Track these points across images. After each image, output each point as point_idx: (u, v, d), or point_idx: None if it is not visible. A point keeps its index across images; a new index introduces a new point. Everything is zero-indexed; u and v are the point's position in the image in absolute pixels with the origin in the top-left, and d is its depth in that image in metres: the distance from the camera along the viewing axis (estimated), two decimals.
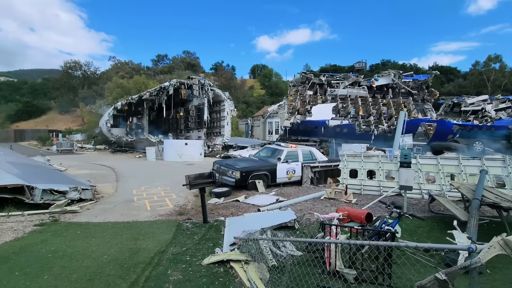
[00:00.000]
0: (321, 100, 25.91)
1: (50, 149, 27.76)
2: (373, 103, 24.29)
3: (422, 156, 8.86)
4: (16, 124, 53.61)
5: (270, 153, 11.00)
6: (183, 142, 20.21)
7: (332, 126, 22.08)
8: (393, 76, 24.99)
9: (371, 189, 8.80)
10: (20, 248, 4.44)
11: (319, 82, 27.21)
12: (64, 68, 62.53)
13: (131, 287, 3.38)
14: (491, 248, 2.23)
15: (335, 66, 77.15)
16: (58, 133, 34.53)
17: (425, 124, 19.60)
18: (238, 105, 67.72)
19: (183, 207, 7.16)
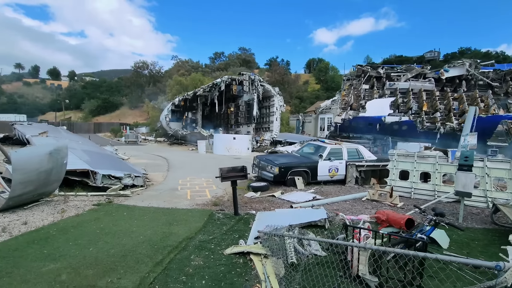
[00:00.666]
0: (377, 95, 24.07)
1: (119, 140, 31.61)
2: (440, 98, 21.57)
3: (492, 159, 7.57)
4: (96, 118, 62.43)
5: (313, 150, 10.69)
6: (231, 136, 20.93)
7: (389, 122, 20.32)
8: (468, 66, 21.76)
9: (424, 193, 7.90)
10: (78, 223, 5.20)
11: (376, 75, 25.26)
12: (134, 68, 70.12)
13: (155, 266, 3.69)
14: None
15: (401, 57, 69.91)
16: (126, 126, 39.03)
17: (507, 122, 16.68)
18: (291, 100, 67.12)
19: (219, 198, 7.46)
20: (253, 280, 3.58)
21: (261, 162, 9.83)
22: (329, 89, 66.26)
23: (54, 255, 3.89)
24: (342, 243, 3.43)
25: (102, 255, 3.93)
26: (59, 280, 3.27)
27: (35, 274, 3.37)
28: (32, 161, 5.69)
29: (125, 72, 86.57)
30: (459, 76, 22.06)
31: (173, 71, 64.80)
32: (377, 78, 25.01)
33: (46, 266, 3.57)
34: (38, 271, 3.43)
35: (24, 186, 5.64)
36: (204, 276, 3.56)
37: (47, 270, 3.48)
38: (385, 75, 24.53)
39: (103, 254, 3.95)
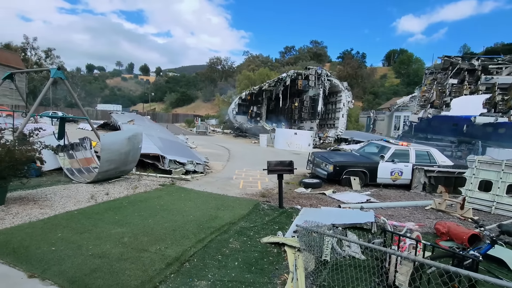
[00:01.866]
0: (468, 91, 20.62)
1: (192, 130, 34.81)
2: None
3: None
4: (175, 109, 69.99)
5: (375, 150, 9.95)
6: (292, 131, 20.92)
7: (480, 124, 17.19)
8: None
9: (510, 209, 6.59)
10: (145, 198, 6.12)
11: (469, 68, 21.58)
12: (209, 63, 75.62)
13: (197, 242, 4.13)
14: None
15: (510, 46, 56.55)
16: (198, 118, 42.68)
17: None
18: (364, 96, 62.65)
19: (269, 191, 7.68)
20: (282, 270, 3.69)
21: (316, 159, 9.66)
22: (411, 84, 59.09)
23: (122, 221, 4.71)
24: (377, 247, 3.23)
25: (157, 226, 4.58)
26: (122, 241, 3.98)
27: (106, 234, 4.18)
28: (115, 144, 6.89)
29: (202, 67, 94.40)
30: None
31: (243, 66, 67.60)
32: (469, 71, 21.35)
33: (115, 229, 4.38)
34: (108, 232, 4.24)
35: (109, 164, 6.89)
36: (237, 258, 3.83)
37: (115, 232, 4.26)
38: (481, 68, 20.73)
39: (158, 226, 4.60)
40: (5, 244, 3.65)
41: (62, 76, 7.81)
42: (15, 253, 3.47)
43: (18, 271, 3.13)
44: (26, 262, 3.29)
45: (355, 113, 40.32)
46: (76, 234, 4.10)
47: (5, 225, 4.27)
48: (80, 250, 3.65)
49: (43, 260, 3.35)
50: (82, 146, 8.61)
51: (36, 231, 4.13)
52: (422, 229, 5.27)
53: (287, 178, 9.10)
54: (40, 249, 3.61)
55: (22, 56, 42.92)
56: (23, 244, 3.70)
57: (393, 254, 3.27)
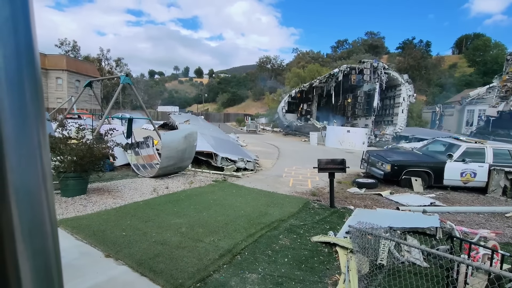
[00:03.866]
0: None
1: (242, 129, 35.74)
2: None
3: None
4: (226, 109, 72.66)
5: (442, 148, 8.96)
6: (345, 129, 19.99)
7: None
8: None
9: None
10: (199, 193, 6.52)
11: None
12: (258, 63, 76.62)
13: (248, 236, 4.26)
14: None
15: None
16: (248, 117, 43.59)
17: None
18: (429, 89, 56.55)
19: (319, 189, 7.49)
20: (333, 271, 3.59)
21: (371, 158, 9.09)
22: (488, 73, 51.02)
23: (180, 213, 5.10)
24: (444, 254, 2.90)
25: (210, 219, 4.85)
26: (180, 231, 4.32)
27: (166, 223, 4.58)
28: (173, 142, 7.48)
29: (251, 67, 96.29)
30: None
31: (293, 63, 66.88)
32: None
33: (174, 220, 4.77)
34: (168, 222, 4.64)
35: (168, 160, 7.51)
36: (287, 255, 3.84)
37: (174, 222, 4.64)
38: None
39: (212, 219, 4.86)
40: (87, 228, 4.27)
41: (130, 82, 8.78)
42: (94, 235, 4.04)
43: (98, 251, 3.64)
44: (103, 243, 3.80)
45: (418, 108, 36.74)
46: (142, 222, 4.58)
47: (87, 211, 4.99)
48: (145, 237, 4.07)
49: (116, 243, 3.83)
50: (146, 144, 9.55)
51: (110, 217, 4.73)
52: (500, 238, 4.57)
53: (339, 177, 8.76)
54: (113, 233, 4.13)
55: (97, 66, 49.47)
56: (100, 228, 4.28)
57: (462, 263, 2.92)
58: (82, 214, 4.85)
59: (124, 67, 55.58)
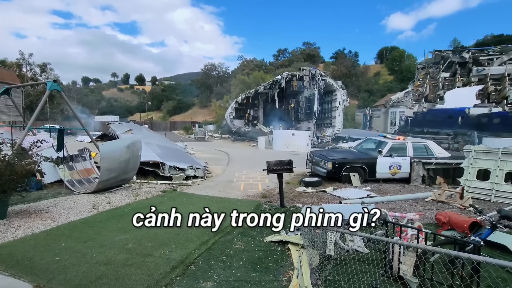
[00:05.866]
0: (461, 83, 20.85)
1: (190, 137, 34.80)
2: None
3: None
4: (172, 117, 69.98)
5: (373, 146, 10.03)
6: (290, 132, 21.01)
7: (474, 115, 17.39)
8: None
9: (510, 196, 6.66)
10: (146, 205, 6.12)
11: (460, 61, 21.85)
12: (203, 70, 75.92)
13: (201, 244, 4.15)
14: None
15: (501, 37, 56.65)
16: (196, 124, 42.72)
17: None
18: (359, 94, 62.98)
19: (270, 191, 7.71)
20: (287, 267, 3.72)
21: (315, 158, 9.72)
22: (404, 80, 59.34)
23: (125, 228, 4.72)
24: (380, 238, 3.27)
25: (160, 232, 4.60)
26: (126, 247, 4.00)
27: (110, 241, 4.19)
28: (114, 152, 6.92)
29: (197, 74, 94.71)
30: None
31: (238, 70, 67.88)
32: (460, 64, 21.61)
33: (119, 236, 4.39)
34: (112, 239, 4.25)
35: (109, 173, 6.90)
36: (242, 258, 3.85)
37: (119, 239, 4.28)
38: (472, 60, 20.99)
39: (161, 231, 4.61)
40: (9, 257, 3.66)
41: (59, 88, 7.85)
42: (19, 264, 3.48)
43: (24, 283, 3.14)
44: (31, 273, 3.30)
45: (351, 111, 40.51)
46: (80, 243, 4.11)
47: (7, 239, 4.27)
48: (84, 258, 3.66)
49: (48, 270, 3.36)
50: (82, 157, 8.62)
51: (39, 242, 4.13)
52: (423, 220, 5.32)
53: (287, 178, 9.14)
54: (44, 259, 3.61)
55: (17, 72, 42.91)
56: (26, 255, 3.70)
57: (395, 243, 3.32)
58: (1, 242, 4.14)
59: (51, 74, 49.27)
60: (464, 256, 2.41)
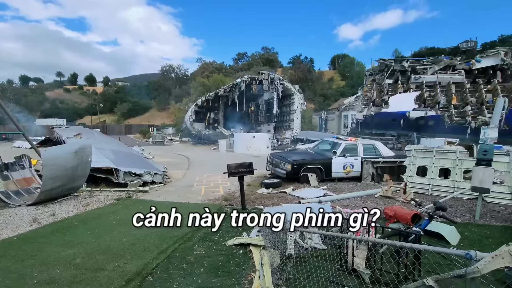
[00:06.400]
0: (402, 89, 23.09)
1: (147, 140, 33.19)
2: (472, 90, 20.18)
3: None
4: (127, 120, 66.03)
5: (328, 147, 10.59)
6: (251, 135, 21.22)
7: (413, 118, 19.42)
8: (502, 55, 20.12)
9: (442, 189, 7.55)
10: (98, 215, 5.69)
11: (401, 69, 24.21)
12: (161, 71, 73.07)
13: (159, 253, 3.98)
14: (496, 258, 1.80)
15: (433, 49, 64.82)
16: (154, 128, 40.90)
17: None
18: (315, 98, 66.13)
19: (231, 194, 7.69)
20: (249, 270, 3.74)
21: (274, 159, 9.95)
22: (355, 86, 63.95)
23: (73, 242, 4.33)
24: (334, 234, 3.48)
25: (114, 243, 4.31)
26: (74, 263, 3.66)
27: (54, 257, 3.80)
28: (59, 158, 6.30)
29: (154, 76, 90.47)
30: (493, 67, 20.43)
31: (197, 73, 66.67)
32: (401, 72, 23.96)
33: (65, 251, 4.01)
34: (57, 255, 3.87)
35: (53, 181, 6.26)
36: (203, 264, 3.78)
37: (65, 254, 3.90)
38: (410, 69, 23.40)
39: (115, 242, 4.32)
40: None
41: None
42: None
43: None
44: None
45: (308, 114, 42.31)
46: (16, 263, 3.66)
47: None
48: (23, 279, 3.27)
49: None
50: (19, 165, 7.68)
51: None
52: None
53: (248, 180, 9.23)
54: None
55: None
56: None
57: (349, 238, 3.56)
58: None
59: None
60: (407, 246, 2.67)
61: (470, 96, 19.46)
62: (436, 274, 3.31)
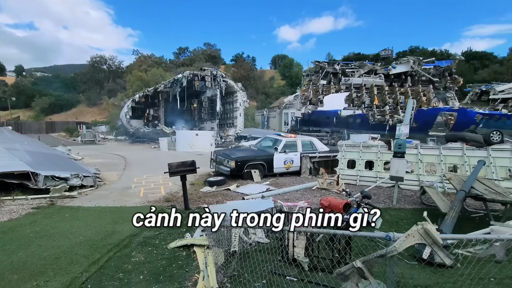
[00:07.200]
0: (334, 90, 25.20)
1: (75, 140, 29.56)
2: (389, 92, 23.19)
3: (424, 146, 8.41)
4: (49, 117, 57.49)
5: (270, 143, 10.96)
6: (194, 133, 20.65)
7: (344, 116, 21.45)
8: (412, 63, 23.60)
9: (368, 180, 8.54)
10: (10, 228, 4.86)
11: (333, 71, 26.40)
12: (90, 62, 65.59)
13: (91, 265, 3.61)
14: (409, 237, 2.13)
15: (359, 55, 72.83)
16: (83, 125, 36.58)
17: (445, 114, 18.46)
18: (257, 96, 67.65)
19: (173, 194, 7.39)
20: (193, 271, 3.66)
21: (218, 157, 9.88)
22: (294, 85, 67.57)
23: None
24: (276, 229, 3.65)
25: (32, 259, 3.74)
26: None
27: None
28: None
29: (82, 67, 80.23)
30: (404, 72, 23.86)
31: (134, 66, 61.73)
32: (333, 74, 26.14)
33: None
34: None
35: None
36: (142, 271, 3.56)
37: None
38: (341, 71, 25.73)
39: (34, 258, 3.76)
40: None
41: None
42: None
43: None
44: None
45: (251, 112, 43.12)
46: None
47: None
48: None
49: None
50: None
51: None
52: (311, 205, 6.20)
53: (191, 179, 8.99)
54: None
55: None
56: None
57: (289, 230, 3.77)
58: None
59: None
60: (338, 233, 2.95)
61: (388, 97, 22.38)
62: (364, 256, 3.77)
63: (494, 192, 4.70)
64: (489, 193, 4.64)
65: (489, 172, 7.09)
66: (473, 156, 7.47)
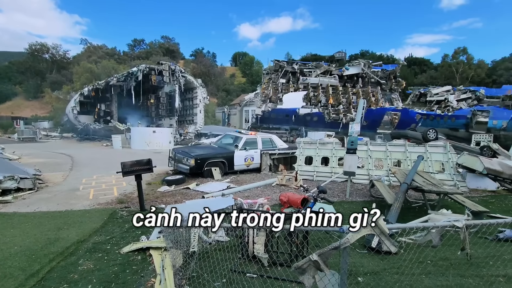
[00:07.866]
0: (293, 88, 26.00)
1: (11, 137, 26.19)
2: (343, 92, 24.66)
3: (373, 143, 9.11)
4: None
5: (231, 141, 10.91)
6: (151, 130, 19.68)
7: (302, 114, 22.26)
8: (363, 65, 25.38)
9: (324, 175, 8.98)
10: None
11: (292, 71, 27.19)
12: (29, 50, 58.46)
13: (29, 278, 3.23)
14: (360, 229, 2.28)
15: (316, 56, 75.99)
16: (20, 121, 32.54)
17: (390, 113, 20.20)
18: (218, 93, 66.76)
19: (128, 195, 6.97)
20: (149, 276, 3.49)
21: (177, 155, 9.56)
22: (254, 83, 67.98)
23: None
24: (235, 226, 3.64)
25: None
26: None
27: None
28: None
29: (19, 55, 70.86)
30: (356, 74, 25.59)
31: (83, 57, 56.46)
32: (292, 73, 26.94)
33: None
34: None
35: None
36: (91, 280, 3.29)
37: None
38: (299, 71, 26.62)
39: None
40: None
41: None
42: None
43: None
44: None
45: (211, 109, 42.49)
46: None
47: None
48: None
49: None
50: None
51: None
52: (270, 202, 6.33)
53: (148, 178, 8.56)
54: None
55: None
56: None
57: (248, 227, 3.79)
58: None
59: None
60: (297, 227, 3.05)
61: (342, 97, 23.81)
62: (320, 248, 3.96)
63: (431, 184, 5.28)
64: (427, 185, 5.20)
65: (426, 166, 7.95)
66: (414, 152, 8.30)
